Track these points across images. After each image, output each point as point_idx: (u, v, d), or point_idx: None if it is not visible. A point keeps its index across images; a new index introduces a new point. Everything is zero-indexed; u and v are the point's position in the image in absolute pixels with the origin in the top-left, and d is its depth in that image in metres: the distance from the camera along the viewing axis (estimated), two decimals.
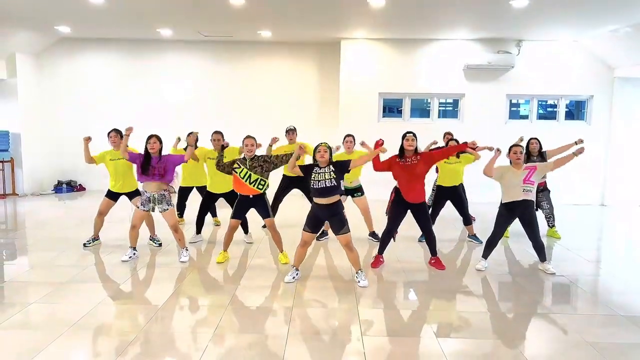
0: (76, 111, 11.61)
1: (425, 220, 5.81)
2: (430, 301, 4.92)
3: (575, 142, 6.86)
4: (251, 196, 5.80)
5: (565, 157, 5.72)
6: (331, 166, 5.13)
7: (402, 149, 5.63)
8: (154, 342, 3.85)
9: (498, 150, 5.77)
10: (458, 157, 6.78)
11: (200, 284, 5.35)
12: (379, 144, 5.35)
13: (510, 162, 5.70)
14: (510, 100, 11.07)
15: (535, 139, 7.10)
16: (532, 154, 7.03)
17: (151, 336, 3.97)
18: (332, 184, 5.07)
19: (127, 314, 4.47)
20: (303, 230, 5.29)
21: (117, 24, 9.60)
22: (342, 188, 5.29)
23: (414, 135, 5.61)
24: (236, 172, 5.76)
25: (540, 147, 7.09)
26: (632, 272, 6.02)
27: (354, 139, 6.85)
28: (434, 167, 6.68)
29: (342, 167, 5.17)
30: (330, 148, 5.19)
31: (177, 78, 11.61)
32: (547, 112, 11.98)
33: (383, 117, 11.20)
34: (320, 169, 5.12)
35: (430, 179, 7.13)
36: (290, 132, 7.35)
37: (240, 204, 5.90)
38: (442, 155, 5.91)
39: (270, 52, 11.52)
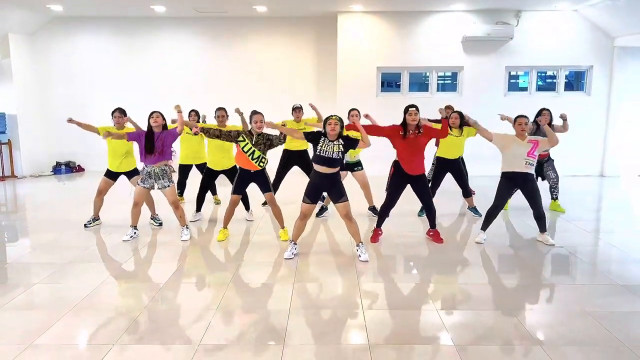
0: (72, 90, 11.52)
1: (426, 193, 5.81)
2: (430, 274, 4.96)
3: (560, 115, 6.96)
4: (252, 171, 5.82)
5: (551, 133, 5.68)
6: (341, 140, 5.13)
7: (404, 122, 5.60)
8: (157, 321, 3.89)
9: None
10: (461, 130, 6.75)
11: (202, 262, 5.39)
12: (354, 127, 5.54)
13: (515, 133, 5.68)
14: (510, 72, 10.98)
15: (547, 109, 6.97)
16: (541, 124, 6.94)
17: (154, 315, 4.00)
18: (338, 157, 5.10)
19: (130, 293, 4.51)
20: (302, 201, 5.29)
21: (110, 1, 9.45)
22: (344, 162, 5.31)
23: (417, 108, 5.55)
24: (239, 145, 5.75)
25: (551, 120, 6.99)
26: (630, 241, 6.05)
27: (359, 113, 6.76)
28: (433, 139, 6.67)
29: (351, 144, 5.19)
30: (341, 120, 5.17)
31: (172, 55, 11.48)
32: (547, 84, 11.90)
33: (381, 91, 11.12)
34: (329, 140, 5.11)
35: (430, 153, 7.11)
36: (297, 109, 7.41)
37: (241, 179, 5.92)
38: (440, 133, 5.88)
39: (266, 27, 11.37)
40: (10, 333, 3.68)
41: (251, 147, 5.72)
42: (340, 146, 5.10)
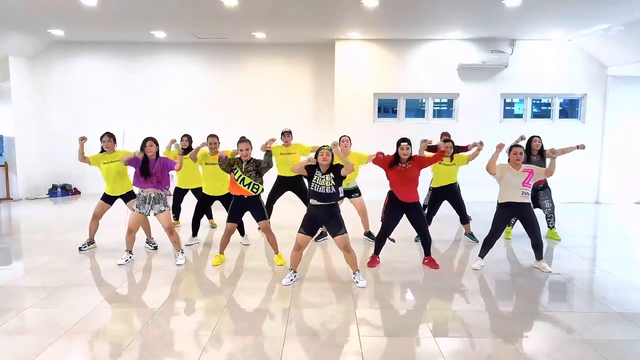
0: (70, 114, 11.57)
1: (420, 220, 5.83)
2: (427, 301, 4.92)
3: (577, 146, 7.07)
4: (245, 197, 5.81)
5: (553, 164, 5.76)
6: (331, 173, 5.11)
7: (397, 155, 5.67)
8: (150, 346, 3.84)
9: (499, 145, 5.81)
10: (452, 159, 6.82)
11: (197, 286, 5.34)
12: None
13: (509, 162, 5.73)
14: (505, 99, 11.11)
15: (537, 137, 7.08)
16: (533, 152, 7.03)
17: (148, 340, 3.95)
18: (332, 191, 5.09)
19: (124, 318, 4.45)
20: (298, 232, 5.26)
21: (110, 27, 9.58)
22: (342, 195, 5.27)
23: (409, 143, 5.65)
24: (233, 173, 5.77)
25: (542, 146, 7.10)
26: (627, 269, 6.04)
27: (350, 140, 6.85)
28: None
29: (337, 172, 5.12)
30: (332, 152, 5.17)
31: (171, 80, 11.58)
32: (541, 111, 12.03)
33: (378, 117, 11.21)
34: (321, 173, 5.11)
35: (426, 179, 7.14)
36: (286, 134, 7.35)
37: (235, 206, 5.91)
38: (432, 161, 5.96)
39: (264, 53, 11.51)
40: (1, 359, 3.61)
41: (241, 175, 5.73)
42: (332, 180, 5.09)
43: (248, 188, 5.76)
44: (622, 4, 7.46)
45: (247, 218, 6.44)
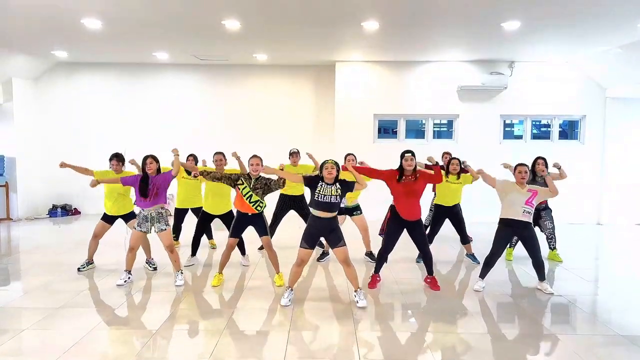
0: (73, 135, 11.62)
1: (422, 238, 5.80)
2: (428, 323, 4.87)
3: (554, 164, 7.08)
4: (250, 214, 5.81)
5: (552, 183, 5.80)
6: (338, 184, 5.18)
7: (401, 168, 5.66)
8: None
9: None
10: (458, 176, 6.83)
11: (196, 308, 5.29)
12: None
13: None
14: (504, 121, 11.17)
15: (543, 158, 7.03)
16: (538, 174, 7.04)
17: None
18: (336, 200, 5.15)
19: (123, 340, 4.40)
20: (300, 247, 5.25)
21: (113, 48, 9.68)
22: (342, 205, 5.35)
23: (413, 154, 5.64)
24: (239, 188, 5.77)
25: (547, 166, 7.07)
26: (630, 291, 5.99)
27: (356, 158, 6.88)
28: (430, 185, 6.74)
29: (347, 187, 5.25)
30: (337, 164, 5.23)
31: (174, 101, 11.66)
32: (541, 132, 12.08)
33: (378, 138, 11.26)
34: (326, 184, 5.16)
35: (427, 198, 7.14)
36: (294, 154, 7.47)
37: (239, 222, 5.91)
38: (434, 179, 5.90)
39: (266, 74, 11.61)
40: None
41: (249, 191, 5.75)
42: (338, 190, 5.14)
43: (254, 205, 5.79)
44: (618, 28, 7.55)
45: (247, 237, 6.43)
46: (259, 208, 5.83)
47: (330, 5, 6.58)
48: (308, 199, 5.59)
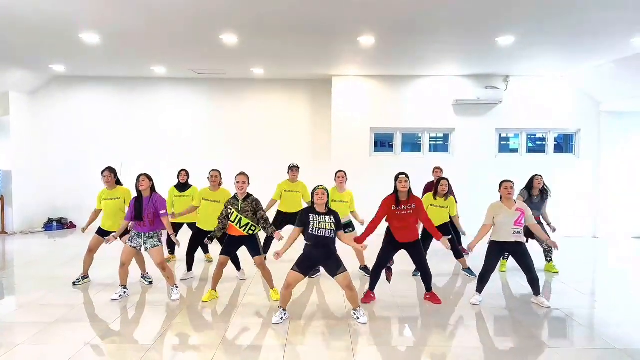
0: (69, 149, 11.61)
1: (421, 257, 5.81)
2: (426, 338, 4.85)
3: (549, 224, 7.22)
4: (242, 236, 5.79)
5: (537, 229, 5.90)
6: (332, 216, 5.11)
7: (395, 190, 5.68)
8: None
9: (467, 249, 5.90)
10: (446, 198, 6.86)
11: (191, 322, 5.25)
12: (360, 242, 5.46)
13: (501, 198, 5.76)
14: (500, 134, 11.23)
15: (539, 175, 7.15)
16: (535, 191, 7.07)
17: None
18: (332, 235, 5.08)
19: (117, 355, 4.36)
20: (291, 269, 5.17)
21: (111, 63, 9.71)
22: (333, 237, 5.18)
23: (407, 176, 5.65)
24: (230, 218, 5.75)
25: (544, 185, 7.18)
26: (627, 304, 5.99)
27: (346, 175, 6.91)
28: None
29: (339, 224, 5.17)
30: (327, 191, 5.18)
31: (171, 115, 11.68)
32: (537, 146, 12.15)
33: (374, 151, 11.29)
34: (319, 215, 5.09)
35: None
36: (294, 169, 7.48)
37: (230, 241, 5.87)
38: (423, 220, 5.79)
39: (263, 88, 11.67)
40: None
41: (237, 216, 5.70)
42: (332, 224, 5.08)
43: (245, 230, 5.72)
44: (612, 43, 7.64)
45: (244, 253, 6.40)
46: (250, 232, 5.75)
47: (327, 20, 6.64)
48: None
